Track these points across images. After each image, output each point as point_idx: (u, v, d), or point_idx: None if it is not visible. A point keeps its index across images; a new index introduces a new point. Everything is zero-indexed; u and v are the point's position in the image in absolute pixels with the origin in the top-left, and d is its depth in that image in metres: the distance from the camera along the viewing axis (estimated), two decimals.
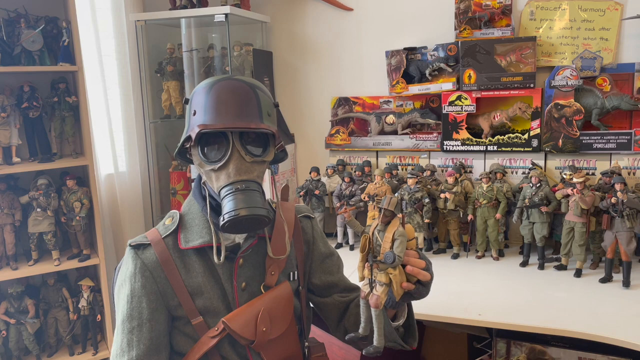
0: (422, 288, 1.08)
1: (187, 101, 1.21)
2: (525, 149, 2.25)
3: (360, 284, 1.12)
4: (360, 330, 1.13)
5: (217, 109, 1.12)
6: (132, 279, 1.17)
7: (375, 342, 1.08)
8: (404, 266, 1.06)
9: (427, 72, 2.34)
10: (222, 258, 1.15)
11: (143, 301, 1.16)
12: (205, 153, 1.15)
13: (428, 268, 1.09)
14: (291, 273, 1.29)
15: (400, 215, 1.07)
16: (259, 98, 1.15)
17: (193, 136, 1.13)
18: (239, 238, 1.22)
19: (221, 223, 1.09)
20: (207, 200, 1.19)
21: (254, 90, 1.16)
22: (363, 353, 1.10)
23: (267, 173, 1.96)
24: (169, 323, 1.20)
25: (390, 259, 1.02)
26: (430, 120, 2.39)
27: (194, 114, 1.15)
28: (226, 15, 2.32)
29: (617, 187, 1.84)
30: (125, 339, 1.15)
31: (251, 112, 1.14)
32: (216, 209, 1.20)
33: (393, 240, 1.04)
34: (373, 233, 1.08)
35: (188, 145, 1.19)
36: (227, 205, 1.09)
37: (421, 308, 1.57)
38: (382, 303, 1.05)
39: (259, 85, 1.18)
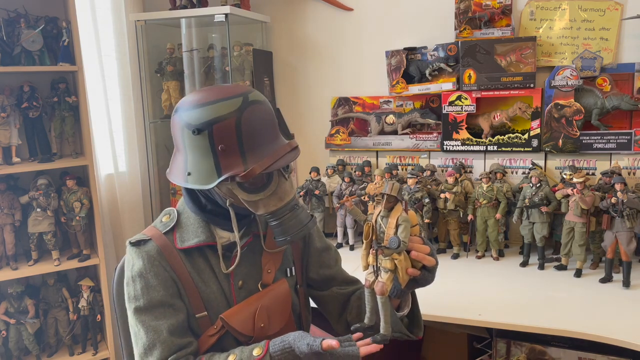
0: (427, 274, 1.07)
1: (198, 131, 1.06)
2: (525, 149, 2.24)
3: (364, 274, 1.10)
4: (366, 320, 1.10)
5: (259, 143, 1.08)
6: (143, 271, 1.16)
7: (382, 331, 1.06)
8: (408, 252, 1.05)
9: (427, 72, 2.34)
10: (220, 257, 1.15)
11: (160, 289, 1.15)
12: (245, 185, 1.11)
13: (432, 253, 1.08)
14: (288, 269, 1.29)
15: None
16: (272, 111, 1.14)
17: (240, 178, 1.06)
18: (234, 237, 1.22)
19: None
20: (205, 206, 1.19)
21: (268, 106, 1.13)
22: (370, 342, 1.09)
23: None
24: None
25: (395, 244, 1.00)
26: (430, 120, 2.39)
27: (223, 149, 1.06)
28: (226, 15, 2.32)
29: (617, 187, 1.84)
30: (151, 330, 1.12)
31: (277, 132, 1.13)
32: (213, 210, 1.20)
33: (397, 226, 1.02)
34: (376, 220, 1.06)
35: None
36: (282, 230, 1.12)
37: (421, 308, 1.56)
38: (388, 290, 1.03)
39: (265, 98, 1.16)
